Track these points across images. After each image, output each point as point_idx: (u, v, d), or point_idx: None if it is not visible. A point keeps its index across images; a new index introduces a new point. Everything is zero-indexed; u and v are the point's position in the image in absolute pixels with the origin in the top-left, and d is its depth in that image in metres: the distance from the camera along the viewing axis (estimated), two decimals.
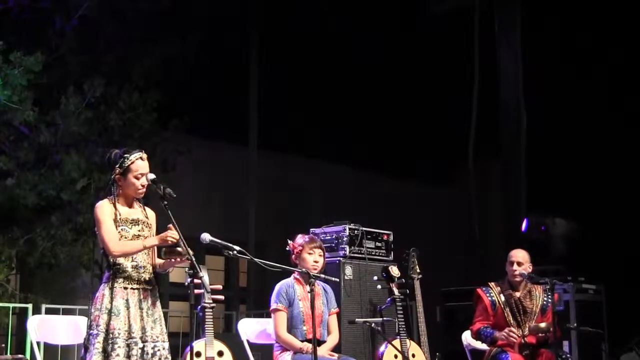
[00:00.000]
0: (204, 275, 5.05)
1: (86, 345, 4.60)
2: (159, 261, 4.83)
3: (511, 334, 5.99)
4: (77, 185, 9.84)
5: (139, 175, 4.72)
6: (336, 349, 5.89)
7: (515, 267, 6.17)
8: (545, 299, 6.23)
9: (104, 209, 4.70)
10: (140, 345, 4.60)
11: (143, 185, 4.74)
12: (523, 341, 6.09)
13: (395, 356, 6.09)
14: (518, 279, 6.16)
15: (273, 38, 13.02)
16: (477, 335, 6.22)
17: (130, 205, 4.79)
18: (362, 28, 13.29)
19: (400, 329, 6.14)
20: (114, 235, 4.63)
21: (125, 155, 4.75)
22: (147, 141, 10.20)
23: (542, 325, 6.04)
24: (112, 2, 10.47)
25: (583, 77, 12.07)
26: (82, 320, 5.29)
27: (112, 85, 10.45)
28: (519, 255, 6.22)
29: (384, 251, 7.18)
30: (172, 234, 4.56)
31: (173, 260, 4.64)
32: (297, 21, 12.80)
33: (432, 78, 13.34)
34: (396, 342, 6.04)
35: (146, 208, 4.87)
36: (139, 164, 4.74)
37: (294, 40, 13.00)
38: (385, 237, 7.24)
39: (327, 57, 13.27)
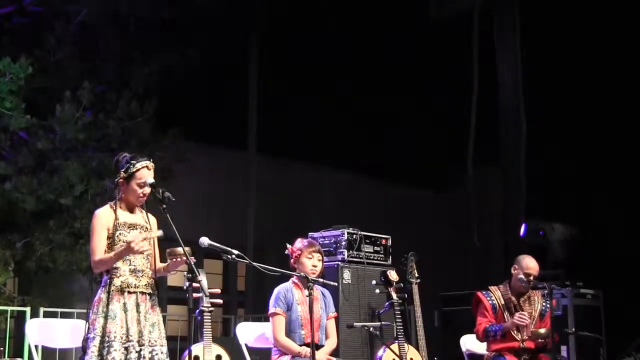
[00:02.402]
0: (203, 279, 5.06)
1: (84, 349, 4.60)
2: (161, 265, 4.83)
3: (522, 317, 5.95)
4: (75, 190, 9.84)
5: (142, 184, 4.73)
6: (334, 353, 5.89)
7: (530, 279, 6.13)
8: (543, 304, 6.24)
9: (101, 218, 4.71)
10: (138, 348, 4.60)
11: (144, 194, 4.75)
12: (522, 346, 6.09)
13: None
14: (524, 285, 6.14)
15: (272, 42, 13.03)
16: (484, 334, 6.15)
17: (131, 210, 4.81)
18: (361, 32, 13.31)
19: (399, 333, 6.14)
20: (99, 249, 4.65)
21: (132, 161, 4.75)
22: (145, 149, 10.20)
23: (542, 331, 6.04)
24: (111, 10, 10.47)
25: (583, 81, 12.07)
26: (81, 324, 5.28)
27: (111, 92, 10.45)
28: (534, 267, 6.17)
29: (382, 255, 7.19)
30: (138, 243, 4.52)
31: (176, 260, 4.65)
32: (298, 28, 12.82)
33: (431, 82, 13.35)
34: (394, 347, 6.04)
35: (148, 214, 4.88)
36: (144, 172, 4.75)
37: (294, 45, 13.02)
38: (383, 242, 7.24)
39: (326, 61, 13.28)
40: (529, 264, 6.20)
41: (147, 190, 4.73)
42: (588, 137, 12.21)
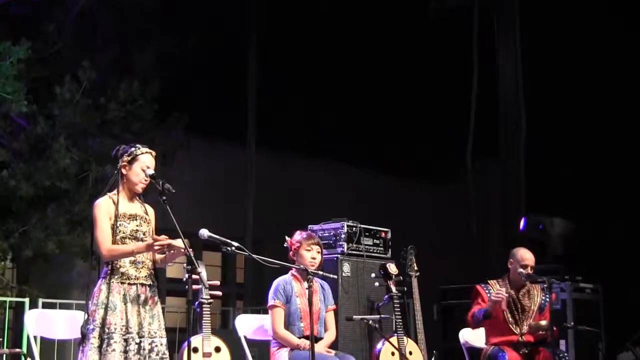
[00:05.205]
0: (202, 271, 5.05)
1: (82, 340, 4.59)
2: (159, 256, 4.82)
3: (498, 293, 5.91)
4: (73, 174, 9.83)
5: (145, 167, 4.74)
6: (333, 345, 5.89)
7: (528, 270, 6.13)
8: (543, 297, 6.23)
9: (102, 207, 4.70)
10: (137, 340, 4.59)
11: (145, 180, 4.75)
12: (520, 339, 6.09)
13: (393, 353, 6.09)
14: (523, 279, 6.14)
15: (272, 35, 13.01)
16: (472, 319, 6.14)
17: (130, 200, 4.80)
18: (361, 27, 13.28)
19: (398, 326, 6.15)
20: (106, 238, 4.64)
21: (137, 145, 4.82)
22: (146, 134, 10.19)
23: (543, 322, 6.03)
24: None
25: (583, 75, 12.07)
26: (79, 315, 5.28)
27: (112, 77, 10.43)
28: (530, 258, 6.17)
29: (382, 248, 7.17)
30: (159, 243, 4.56)
31: (174, 252, 4.64)
32: (297, 19, 12.79)
33: (431, 77, 13.33)
34: (393, 340, 6.05)
35: (145, 204, 4.87)
36: (148, 157, 4.79)
37: (293, 38, 12.99)
38: (383, 235, 7.22)
39: (326, 55, 13.25)
40: (525, 255, 6.20)
41: (149, 172, 4.72)
42: (588, 131, 12.22)
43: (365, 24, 13.31)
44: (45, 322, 5.50)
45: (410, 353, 6.16)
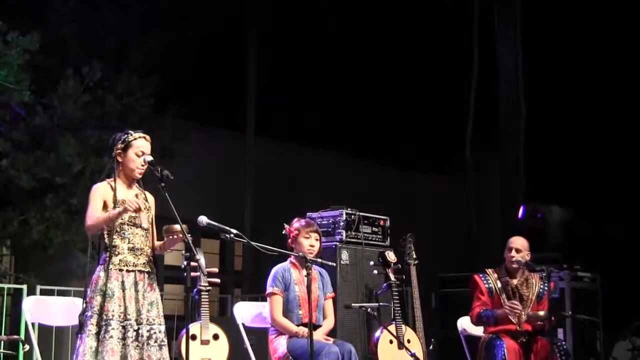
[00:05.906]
0: (201, 258, 5.05)
1: (80, 329, 4.58)
2: (158, 242, 4.81)
3: (514, 306, 5.94)
4: (73, 168, 9.81)
5: (140, 153, 4.73)
6: (332, 333, 5.89)
7: (513, 253, 6.15)
8: (541, 286, 6.23)
9: (97, 191, 4.71)
10: (136, 327, 4.59)
11: (142, 165, 4.73)
12: (518, 328, 6.09)
13: (391, 341, 6.10)
14: (515, 266, 6.15)
15: (272, 25, 12.98)
16: (477, 319, 6.16)
17: (129, 187, 4.79)
18: (361, 17, 13.25)
19: (396, 314, 6.15)
20: (93, 213, 4.63)
21: (129, 132, 4.79)
22: (144, 126, 10.12)
23: (541, 313, 6.03)
24: None
25: (581, 65, 12.05)
26: (77, 302, 5.27)
27: (111, 69, 10.41)
28: (518, 242, 6.20)
29: (380, 236, 7.17)
30: (131, 200, 4.55)
31: (173, 238, 4.63)
32: (298, 8, 12.76)
33: (431, 68, 13.31)
34: (392, 327, 6.05)
35: (145, 192, 4.86)
36: (142, 142, 4.77)
37: (293, 28, 12.96)
38: (382, 223, 7.22)
39: (326, 44, 13.22)
40: (515, 240, 6.23)
41: (147, 159, 4.70)
42: (587, 120, 12.22)
43: (366, 14, 13.27)
44: (43, 309, 5.49)
45: (409, 341, 6.17)
